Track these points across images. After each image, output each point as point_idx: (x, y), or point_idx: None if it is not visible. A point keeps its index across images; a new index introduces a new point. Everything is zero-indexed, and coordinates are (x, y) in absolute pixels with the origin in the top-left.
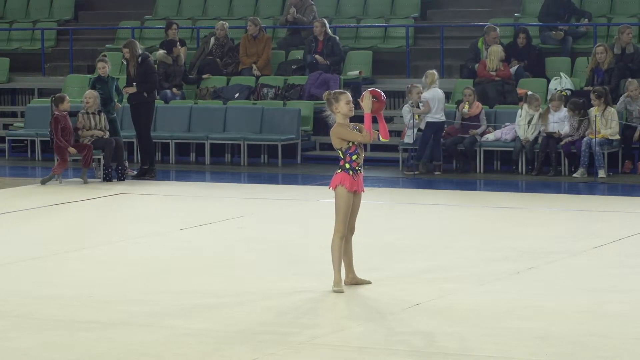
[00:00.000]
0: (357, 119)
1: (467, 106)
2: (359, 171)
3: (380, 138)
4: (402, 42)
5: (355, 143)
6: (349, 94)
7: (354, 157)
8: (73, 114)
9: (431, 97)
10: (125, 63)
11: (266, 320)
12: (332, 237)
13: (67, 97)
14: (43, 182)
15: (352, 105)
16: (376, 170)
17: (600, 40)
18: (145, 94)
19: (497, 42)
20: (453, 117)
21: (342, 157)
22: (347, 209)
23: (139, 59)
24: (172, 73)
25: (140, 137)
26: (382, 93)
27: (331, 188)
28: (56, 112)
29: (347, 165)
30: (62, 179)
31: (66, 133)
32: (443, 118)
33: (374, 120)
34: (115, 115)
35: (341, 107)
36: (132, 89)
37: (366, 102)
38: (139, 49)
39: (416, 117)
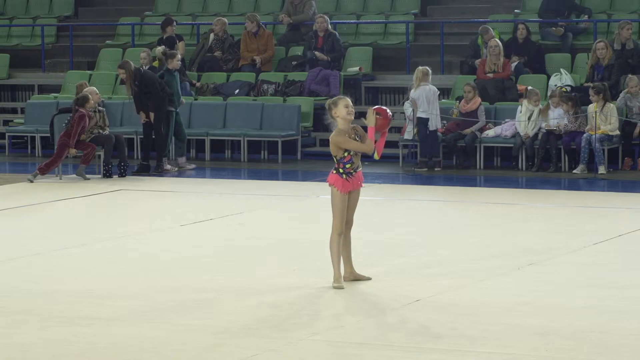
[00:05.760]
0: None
1: (457, 105)
2: (353, 174)
3: (375, 155)
4: (402, 38)
5: (351, 153)
6: (347, 99)
7: (347, 165)
8: (70, 110)
9: (417, 97)
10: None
11: (266, 316)
12: (330, 235)
13: (90, 96)
14: (30, 180)
15: (351, 109)
16: (376, 167)
17: (601, 36)
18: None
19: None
20: (449, 113)
21: (336, 162)
22: (342, 207)
23: (136, 81)
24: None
25: (158, 135)
26: (388, 110)
27: (328, 184)
28: (83, 111)
29: (341, 170)
30: (62, 175)
31: (81, 132)
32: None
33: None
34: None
35: (340, 111)
36: (152, 115)
37: (370, 118)
38: (133, 66)
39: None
